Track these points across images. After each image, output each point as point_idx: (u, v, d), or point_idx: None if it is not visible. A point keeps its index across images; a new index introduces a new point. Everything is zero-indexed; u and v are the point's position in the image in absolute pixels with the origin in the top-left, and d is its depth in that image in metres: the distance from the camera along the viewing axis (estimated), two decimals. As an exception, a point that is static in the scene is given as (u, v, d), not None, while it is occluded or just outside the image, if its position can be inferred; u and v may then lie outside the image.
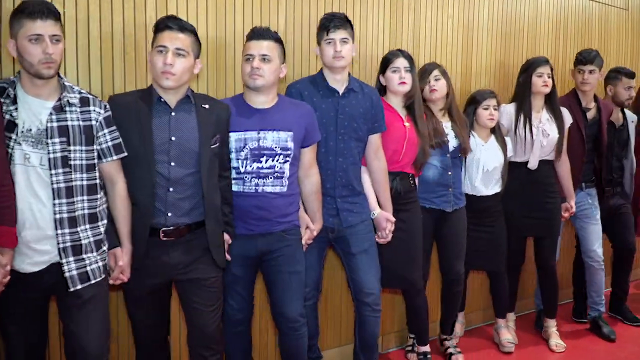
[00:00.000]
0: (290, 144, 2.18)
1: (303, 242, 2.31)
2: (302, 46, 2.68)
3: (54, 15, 1.71)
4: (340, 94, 2.38)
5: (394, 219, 2.53)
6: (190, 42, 1.95)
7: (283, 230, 2.22)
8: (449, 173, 2.81)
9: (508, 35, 3.47)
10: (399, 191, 2.60)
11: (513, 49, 3.47)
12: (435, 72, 2.78)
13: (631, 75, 3.47)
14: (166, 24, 1.93)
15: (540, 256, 3.21)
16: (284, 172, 2.18)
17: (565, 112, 3.13)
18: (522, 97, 3.05)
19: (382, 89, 2.66)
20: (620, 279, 3.62)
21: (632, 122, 3.49)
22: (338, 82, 2.39)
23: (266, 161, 2.15)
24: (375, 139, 2.49)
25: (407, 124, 2.61)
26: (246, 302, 2.30)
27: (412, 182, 2.68)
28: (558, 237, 3.24)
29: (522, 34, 3.52)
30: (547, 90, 3.01)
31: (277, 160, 2.16)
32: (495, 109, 2.94)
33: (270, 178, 2.16)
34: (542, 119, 3.05)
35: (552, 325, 3.29)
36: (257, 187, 2.16)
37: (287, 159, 2.18)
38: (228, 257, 2.14)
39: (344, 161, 2.39)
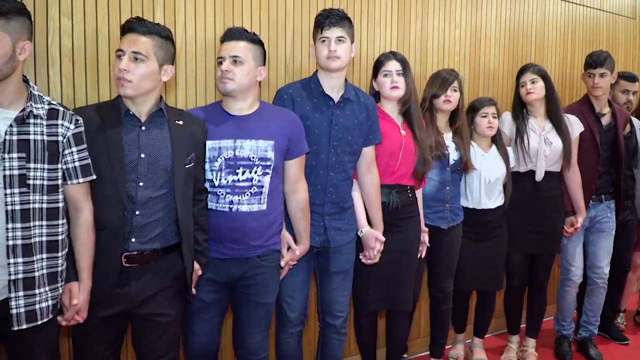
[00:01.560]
0: (271, 154, 1.98)
1: (283, 263, 2.11)
2: (303, 66, 2.66)
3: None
4: (335, 102, 2.19)
5: (383, 239, 2.32)
6: (152, 45, 1.74)
7: (260, 255, 2.01)
8: (447, 188, 2.65)
9: (515, 43, 3.46)
10: (396, 206, 2.41)
11: (521, 58, 3.46)
12: (455, 84, 2.63)
13: (630, 78, 3.35)
14: (128, 26, 1.75)
15: (534, 272, 3.02)
16: (263, 186, 1.97)
17: (573, 119, 2.97)
18: (515, 107, 2.94)
19: (377, 95, 2.50)
20: (611, 297, 3.40)
21: (639, 129, 3.33)
22: (334, 89, 2.20)
23: (243, 173, 1.95)
24: (369, 152, 2.30)
25: (403, 132, 2.43)
26: (212, 335, 2.05)
27: (410, 195, 2.47)
28: (555, 254, 3.07)
29: (530, 43, 3.51)
30: (534, 97, 2.85)
31: (255, 172, 1.95)
32: (494, 117, 2.78)
33: (247, 194, 1.95)
34: (546, 127, 2.90)
35: (531, 345, 3.14)
36: (231, 205, 1.94)
37: (267, 170, 1.98)
38: (193, 290, 1.92)
39: (335, 176, 2.20)
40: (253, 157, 1.96)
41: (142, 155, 1.74)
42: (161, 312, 1.80)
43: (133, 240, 1.74)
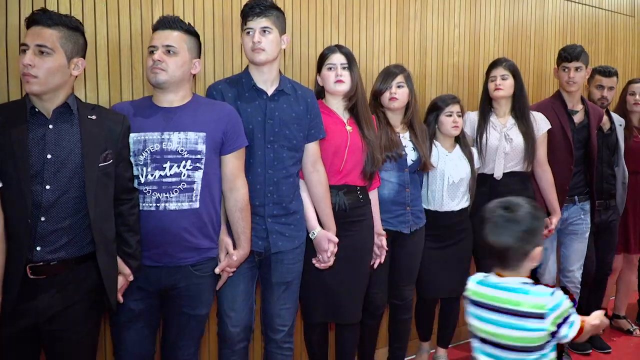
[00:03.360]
0: (201, 147, 1.84)
1: (217, 270, 1.95)
2: (302, 65, 2.65)
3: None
4: (268, 95, 2.07)
5: (336, 240, 2.17)
6: (58, 37, 1.61)
7: (193, 264, 1.87)
8: (407, 190, 2.51)
9: (515, 43, 3.46)
10: (343, 208, 2.25)
11: (520, 57, 3.46)
12: (399, 79, 2.48)
13: (605, 73, 3.15)
14: (33, 18, 1.61)
15: None
16: (194, 182, 1.83)
17: (539, 117, 2.84)
18: (483, 104, 2.84)
19: (322, 91, 2.36)
20: (592, 301, 3.26)
21: (620, 125, 3.21)
22: (266, 82, 2.06)
23: (170, 167, 1.81)
24: (312, 148, 2.16)
25: (349, 128, 2.29)
26: (144, 346, 1.91)
27: (361, 197, 2.31)
28: None
29: (529, 42, 3.51)
30: (502, 94, 2.73)
31: (183, 167, 1.82)
32: (459, 116, 2.65)
33: (176, 191, 1.81)
34: (507, 124, 2.78)
35: None
36: (158, 204, 1.80)
37: (198, 165, 1.84)
38: (120, 298, 1.78)
39: (275, 174, 2.04)
40: (182, 151, 1.83)
41: (49, 156, 1.59)
42: (72, 329, 1.65)
43: (38, 249, 1.58)
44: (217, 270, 1.95)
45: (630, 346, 3.40)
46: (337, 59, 2.27)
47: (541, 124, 2.82)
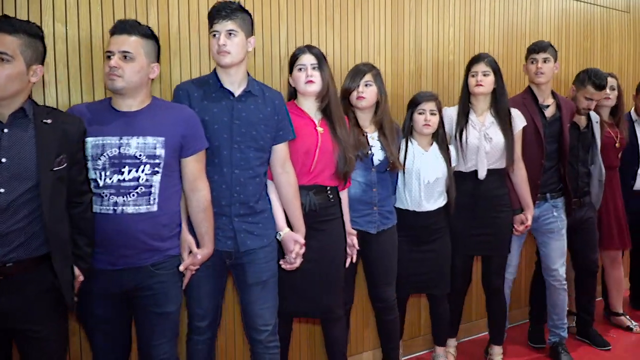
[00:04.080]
0: (160, 152, 1.86)
1: (182, 268, 1.97)
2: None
3: None
4: (235, 96, 2.07)
5: (303, 241, 2.19)
6: (19, 44, 1.62)
7: (153, 264, 1.89)
8: (374, 190, 2.49)
9: (510, 41, 3.47)
10: (314, 208, 2.26)
11: (515, 55, 3.46)
12: (367, 77, 2.45)
13: (599, 87, 3.00)
14: None
15: (486, 276, 2.88)
16: (152, 186, 1.85)
17: (515, 113, 2.79)
18: (463, 100, 2.78)
19: (295, 92, 2.36)
20: (583, 301, 3.26)
21: (597, 122, 3.17)
22: (233, 83, 2.07)
23: (129, 172, 1.82)
24: (281, 149, 2.17)
25: (320, 128, 2.30)
26: (118, 350, 1.95)
27: (331, 196, 2.32)
28: (507, 255, 2.89)
29: (524, 40, 3.51)
30: (482, 90, 2.68)
31: (142, 171, 1.83)
32: (432, 114, 2.59)
33: (133, 195, 1.82)
34: (486, 122, 2.74)
35: (498, 353, 3.00)
36: (115, 207, 1.81)
37: (156, 169, 1.86)
38: (75, 298, 1.80)
39: (241, 174, 2.05)
40: (140, 155, 1.84)
41: (3, 160, 1.61)
42: (36, 328, 1.68)
43: None
44: (181, 268, 1.97)
45: (630, 343, 3.39)
46: (307, 59, 2.27)
47: (517, 121, 2.80)
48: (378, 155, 2.49)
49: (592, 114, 3.16)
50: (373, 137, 2.51)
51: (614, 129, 3.32)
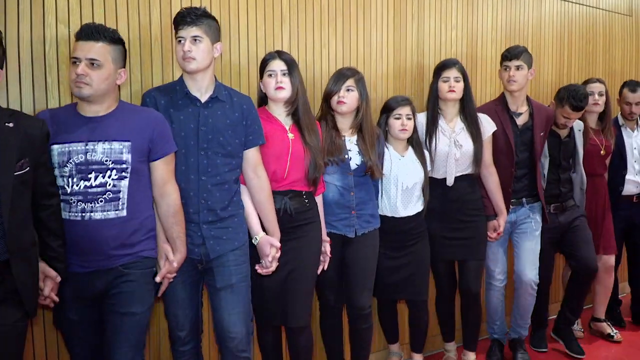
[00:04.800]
0: (127, 157, 1.84)
1: (158, 278, 1.95)
2: (300, 68, 2.66)
3: None
4: (202, 102, 2.05)
5: (279, 245, 2.16)
6: None
7: (123, 264, 1.86)
8: (351, 194, 2.44)
9: (512, 43, 3.42)
10: (290, 212, 2.25)
11: (517, 58, 3.46)
12: (349, 82, 2.42)
13: (577, 108, 2.90)
14: None
15: (463, 281, 2.83)
16: (119, 191, 1.83)
17: (484, 118, 2.78)
18: (432, 106, 2.73)
19: (266, 98, 2.33)
20: (573, 302, 3.17)
21: (579, 130, 3.11)
22: (200, 89, 2.05)
23: (95, 178, 1.80)
24: (252, 155, 2.14)
25: (291, 135, 2.28)
26: (94, 353, 1.92)
27: (307, 200, 2.31)
28: (483, 259, 2.86)
29: (527, 43, 3.51)
30: (454, 96, 2.67)
31: (109, 177, 1.82)
32: (408, 118, 2.57)
33: (101, 201, 1.81)
34: (456, 128, 2.72)
35: (471, 358, 2.95)
36: (83, 214, 1.80)
37: (124, 174, 1.84)
38: (55, 297, 1.81)
39: (208, 180, 2.03)
40: (106, 161, 1.82)
41: None
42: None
43: None
44: (157, 279, 1.95)
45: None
46: (277, 65, 2.25)
47: (487, 126, 2.78)
48: (355, 159, 2.45)
49: (575, 122, 3.08)
50: (351, 141, 2.47)
51: (599, 136, 3.26)
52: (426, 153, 2.68)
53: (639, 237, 3.50)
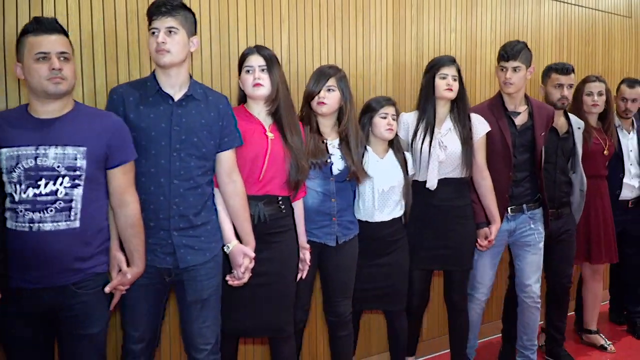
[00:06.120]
0: (81, 163, 1.71)
1: (108, 289, 1.82)
2: (300, 70, 2.66)
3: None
4: (175, 100, 1.92)
5: (253, 255, 2.04)
6: None
7: (75, 282, 1.73)
8: (332, 200, 2.33)
9: (511, 45, 3.46)
10: (264, 220, 2.11)
11: (517, 60, 3.46)
12: (330, 82, 2.30)
13: (562, 70, 2.86)
14: None
15: (448, 292, 2.69)
16: (72, 200, 1.70)
17: (477, 119, 2.61)
18: (424, 104, 2.58)
19: (245, 96, 2.21)
20: (555, 318, 3.04)
21: (579, 128, 2.95)
22: (174, 86, 1.92)
23: (46, 185, 1.67)
24: (227, 158, 2.01)
25: (270, 134, 2.14)
26: None
27: (282, 207, 2.17)
28: (469, 270, 2.69)
29: (526, 45, 3.52)
30: (451, 95, 2.53)
31: (60, 184, 1.69)
32: (394, 119, 2.46)
33: (51, 210, 1.68)
34: (443, 129, 2.56)
35: None
36: (31, 224, 1.66)
37: (77, 182, 1.71)
38: None
39: (181, 184, 1.89)
40: (58, 167, 1.69)
41: None
42: None
43: None
44: (107, 289, 1.82)
45: None
46: (255, 61, 2.12)
47: (478, 127, 2.61)
48: (338, 164, 2.33)
49: (574, 119, 2.97)
50: (333, 145, 2.36)
51: (602, 135, 3.11)
52: (409, 156, 2.56)
53: (629, 244, 3.35)
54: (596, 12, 3.94)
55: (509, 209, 2.71)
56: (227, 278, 2.06)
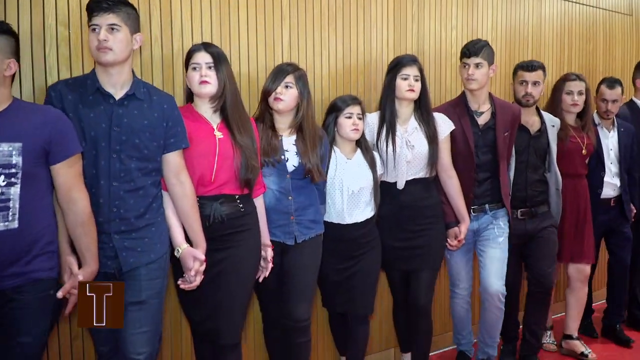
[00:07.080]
0: (17, 160, 1.64)
1: (60, 294, 1.74)
2: (306, 60, 2.67)
3: None
4: (116, 100, 1.85)
5: (203, 258, 1.97)
6: None
7: (15, 287, 1.65)
8: (289, 198, 2.27)
9: (512, 44, 3.46)
10: (220, 220, 2.06)
11: (518, 58, 3.45)
12: (288, 79, 2.26)
13: (528, 67, 2.84)
14: None
15: (412, 292, 2.58)
16: (9, 200, 1.63)
17: (440, 118, 2.60)
18: (385, 104, 2.55)
19: (192, 94, 2.16)
20: (530, 320, 2.93)
21: (553, 126, 2.90)
22: (115, 85, 1.85)
23: None
24: (173, 159, 1.95)
25: (218, 133, 2.09)
26: None
27: (241, 205, 2.11)
28: (437, 270, 2.63)
29: (527, 43, 3.52)
30: (413, 96, 2.49)
31: None
32: (359, 118, 2.42)
33: None
34: (409, 128, 2.53)
35: None
36: None
37: (13, 180, 1.64)
38: None
39: (121, 186, 1.83)
40: None
41: None
42: None
43: None
44: (59, 295, 1.74)
45: None
46: (202, 58, 2.06)
47: (442, 126, 2.59)
48: (293, 161, 2.28)
49: (548, 117, 2.92)
50: (289, 142, 2.30)
51: (580, 133, 3.03)
52: (377, 155, 2.51)
53: (617, 243, 3.30)
54: (597, 10, 3.94)
55: (471, 209, 2.69)
56: (179, 282, 2.02)
